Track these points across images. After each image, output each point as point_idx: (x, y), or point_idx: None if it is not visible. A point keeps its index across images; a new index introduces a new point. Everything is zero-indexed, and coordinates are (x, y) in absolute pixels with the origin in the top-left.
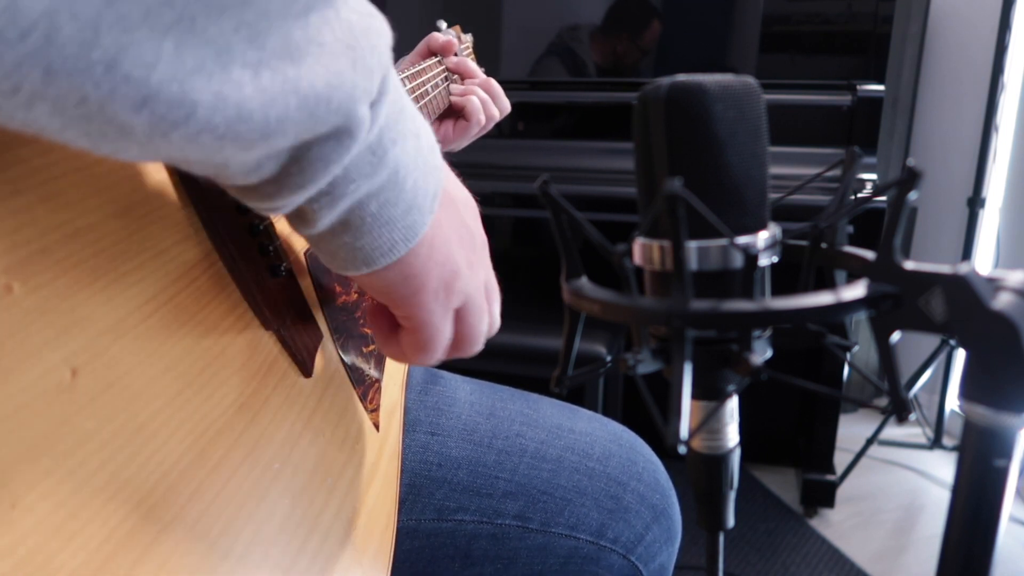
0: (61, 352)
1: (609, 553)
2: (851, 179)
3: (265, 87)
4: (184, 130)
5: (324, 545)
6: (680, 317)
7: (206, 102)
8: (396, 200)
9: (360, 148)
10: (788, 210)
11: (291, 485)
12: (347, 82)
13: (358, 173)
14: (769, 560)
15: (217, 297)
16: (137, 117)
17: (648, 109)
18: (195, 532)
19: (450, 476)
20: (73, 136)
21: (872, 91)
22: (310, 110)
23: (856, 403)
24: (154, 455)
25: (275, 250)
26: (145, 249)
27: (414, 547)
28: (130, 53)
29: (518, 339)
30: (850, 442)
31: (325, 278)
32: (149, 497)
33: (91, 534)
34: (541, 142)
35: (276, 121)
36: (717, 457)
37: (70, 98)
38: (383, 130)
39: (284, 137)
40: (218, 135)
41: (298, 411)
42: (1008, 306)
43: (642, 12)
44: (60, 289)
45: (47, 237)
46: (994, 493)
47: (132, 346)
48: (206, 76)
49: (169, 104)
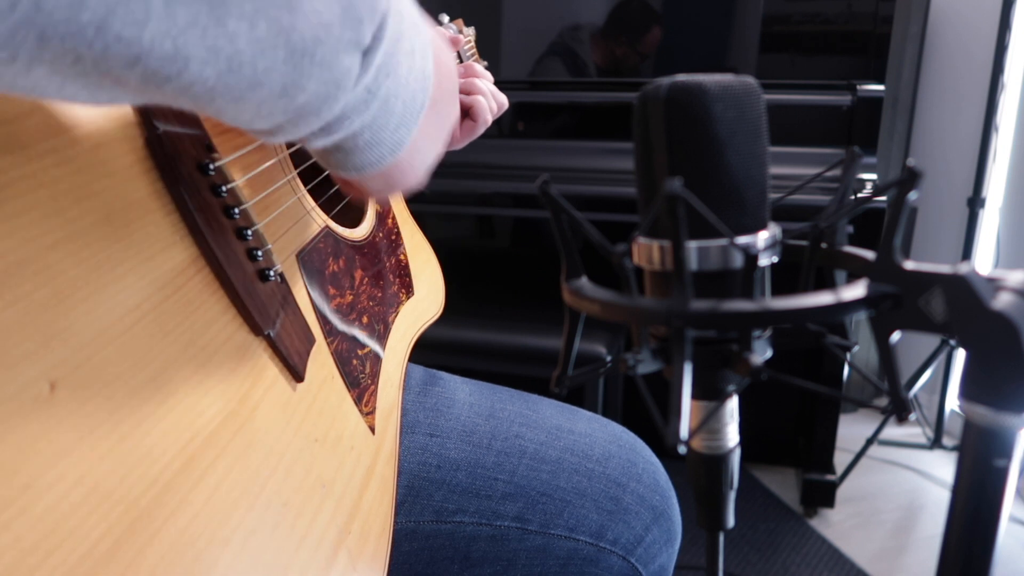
0: (40, 366)
1: (609, 554)
2: (851, 179)
3: (259, 38)
4: (176, 83)
5: (317, 552)
6: (680, 317)
7: (198, 56)
8: (385, 123)
9: (350, 94)
10: (788, 210)
11: (281, 492)
12: (333, 35)
13: (352, 111)
14: (769, 560)
15: (205, 303)
16: (130, 73)
17: (648, 109)
18: (182, 544)
19: (449, 478)
20: (72, 91)
21: (872, 91)
22: (295, 62)
23: (856, 403)
24: (137, 466)
25: (265, 254)
26: (128, 257)
27: (413, 549)
28: (119, 13)
29: (518, 339)
30: (850, 442)
31: (318, 281)
32: (132, 509)
33: (70, 549)
34: (541, 142)
35: (263, 72)
36: (717, 457)
37: (65, 59)
38: (378, 69)
39: (270, 88)
40: (208, 86)
41: (289, 417)
42: (1008, 306)
43: (643, 14)
44: (39, 301)
45: (25, 249)
46: (994, 493)
47: (115, 356)
48: (200, 30)
49: (162, 60)
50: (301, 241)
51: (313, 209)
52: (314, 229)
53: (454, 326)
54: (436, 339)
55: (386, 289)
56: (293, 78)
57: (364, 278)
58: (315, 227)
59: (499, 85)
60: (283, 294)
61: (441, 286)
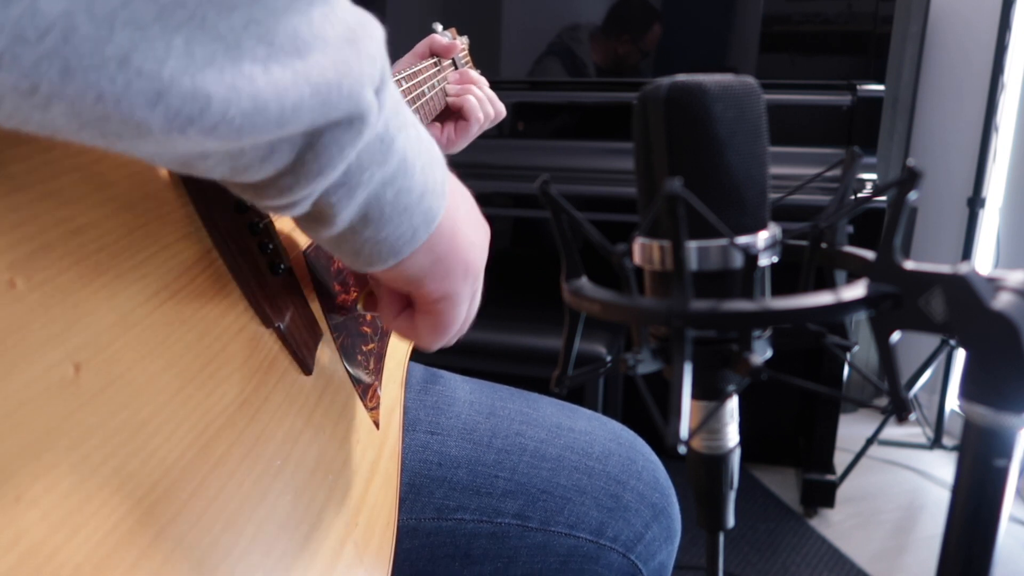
0: (65, 348)
1: (609, 552)
2: (851, 179)
3: (276, 79)
4: (200, 124)
5: (326, 542)
6: (680, 317)
7: (220, 95)
8: (410, 187)
9: (370, 135)
10: (788, 210)
11: (292, 482)
12: (354, 70)
13: (370, 160)
14: (769, 560)
15: (218, 294)
16: (152, 113)
17: (648, 109)
18: (197, 529)
19: (450, 475)
20: (89, 136)
21: (872, 91)
22: (323, 97)
23: (856, 403)
24: (157, 451)
25: (274, 248)
26: (147, 246)
27: (414, 546)
28: (141, 49)
29: (518, 339)
30: (850, 442)
31: (324, 278)
32: (151, 493)
33: (94, 528)
34: (541, 142)
35: (292, 110)
36: (717, 457)
37: (87, 96)
38: (389, 118)
39: (299, 125)
40: (235, 127)
41: (299, 408)
42: (1008, 306)
43: (643, 14)
44: (63, 285)
45: (49, 233)
46: (994, 493)
47: (135, 342)
48: (217, 70)
49: (183, 98)
50: (307, 239)
51: None
52: None
53: None
54: None
55: None
56: (324, 111)
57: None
58: None
59: (498, 85)
60: (292, 288)
61: None
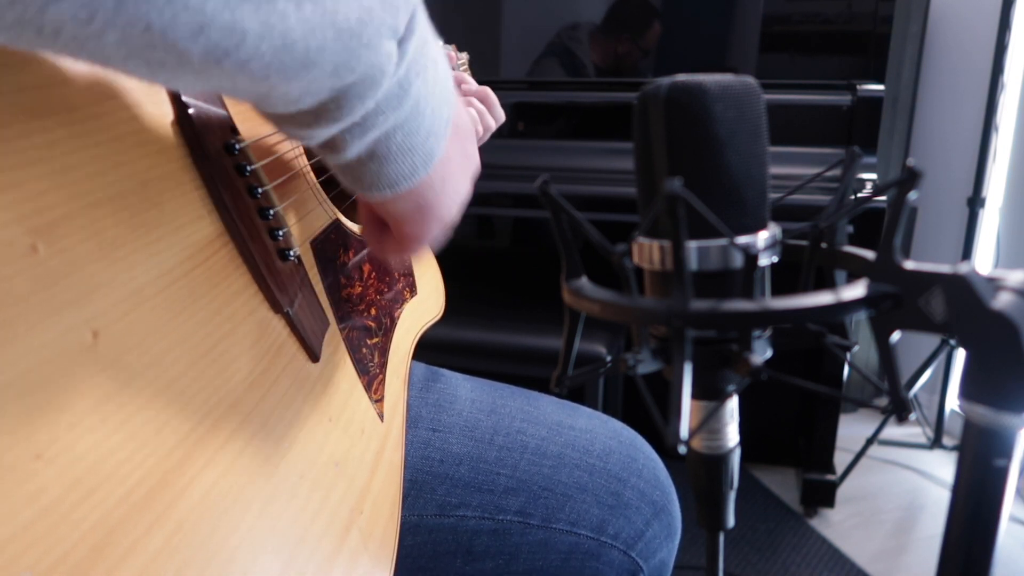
0: (83, 313)
1: (610, 549)
2: (851, 179)
3: (307, 18)
4: (235, 57)
5: (330, 528)
6: (680, 317)
7: (254, 31)
8: (417, 128)
9: (390, 83)
10: (788, 210)
11: (298, 464)
12: (376, 19)
13: (387, 106)
14: (769, 560)
15: (229, 276)
16: (194, 45)
17: (648, 109)
18: (208, 501)
19: (451, 472)
20: (135, 65)
21: (872, 91)
22: (344, 43)
23: (856, 403)
24: (171, 421)
25: (284, 235)
26: (162, 224)
27: (416, 543)
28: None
29: (518, 339)
30: (850, 442)
31: (330, 269)
32: (165, 461)
33: (108, 492)
34: (541, 142)
35: (316, 51)
36: (717, 457)
37: (137, 26)
38: (410, 64)
39: (322, 68)
40: (264, 63)
41: (306, 394)
42: (1008, 306)
43: (642, 13)
44: (83, 254)
45: (70, 204)
46: (994, 493)
47: (150, 315)
48: (254, 6)
49: (222, 31)
50: (314, 230)
51: (325, 201)
52: (325, 220)
53: (454, 326)
54: (437, 339)
55: (392, 286)
56: (344, 58)
57: (372, 272)
58: (326, 218)
59: (498, 85)
60: (301, 275)
61: (442, 291)
